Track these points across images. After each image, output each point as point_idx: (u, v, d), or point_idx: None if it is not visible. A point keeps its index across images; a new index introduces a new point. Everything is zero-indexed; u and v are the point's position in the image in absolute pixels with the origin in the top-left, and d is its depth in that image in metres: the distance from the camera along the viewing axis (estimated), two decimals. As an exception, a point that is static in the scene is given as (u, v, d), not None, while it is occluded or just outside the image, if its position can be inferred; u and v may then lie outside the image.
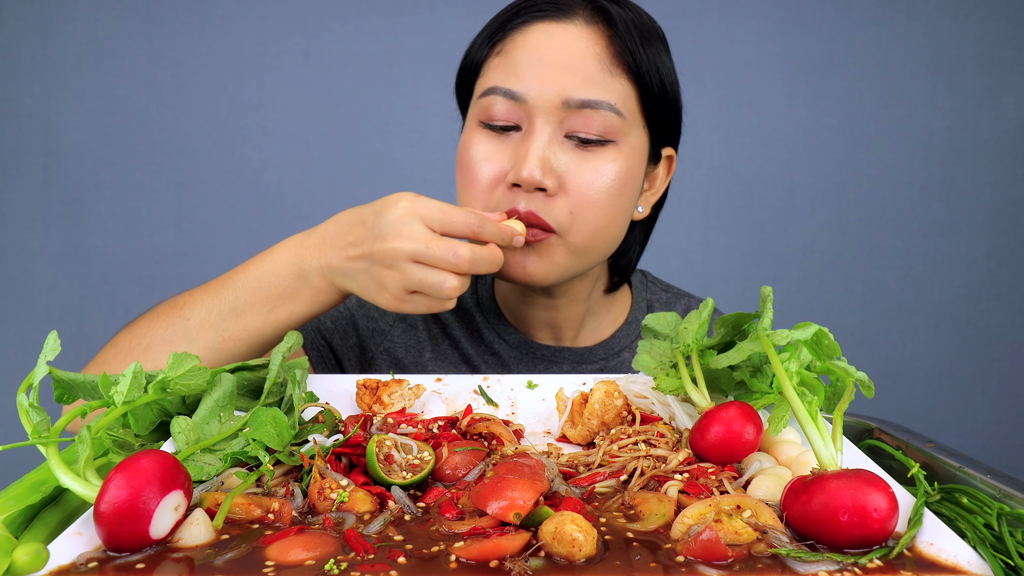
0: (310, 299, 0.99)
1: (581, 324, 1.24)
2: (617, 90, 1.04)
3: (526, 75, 1.03)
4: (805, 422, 0.65)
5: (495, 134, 1.06)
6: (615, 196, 1.06)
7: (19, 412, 0.65)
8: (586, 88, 1.02)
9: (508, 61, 1.06)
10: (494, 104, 1.05)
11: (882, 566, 0.54)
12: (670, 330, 0.90)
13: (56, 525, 0.65)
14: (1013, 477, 0.70)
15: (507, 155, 1.05)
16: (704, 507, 0.60)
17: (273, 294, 0.98)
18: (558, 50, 1.04)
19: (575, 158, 1.04)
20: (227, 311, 0.98)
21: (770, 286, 0.78)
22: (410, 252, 0.91)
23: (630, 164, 1.07)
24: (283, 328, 0.99)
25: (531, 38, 1.05)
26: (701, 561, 0.55)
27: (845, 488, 0.57)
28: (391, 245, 0.92)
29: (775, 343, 0.70)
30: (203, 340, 0.97)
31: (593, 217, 1.05)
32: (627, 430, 0.79)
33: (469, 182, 1.07)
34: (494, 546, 0.55)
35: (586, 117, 1.02)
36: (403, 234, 0.92)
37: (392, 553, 0.55)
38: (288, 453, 0.72)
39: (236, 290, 0.98)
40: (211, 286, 1.01)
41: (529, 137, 1.03)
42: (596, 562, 0.55)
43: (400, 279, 0.92)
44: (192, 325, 0.98)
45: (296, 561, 0.55)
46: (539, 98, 1.02)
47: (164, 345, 0.97)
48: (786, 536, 0.58)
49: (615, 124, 1.04)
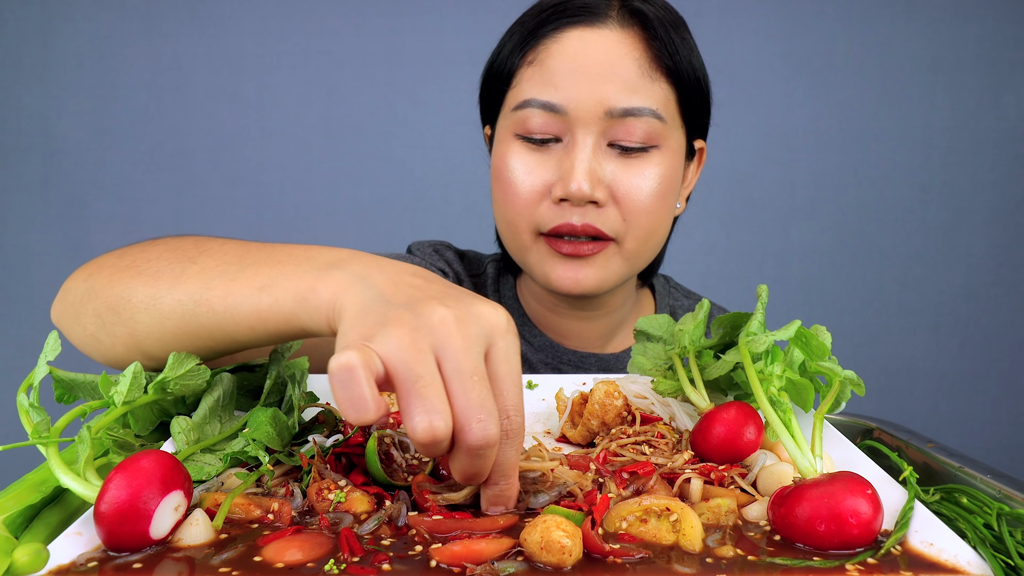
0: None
1: (612, 333, 1.24)
2: (657, 94, 1.03)
3: (564, 85, 1.01)
4: (780, 431, 0.65)
5: (534, 147, 1.05)
6: (662, 199, 1.06)
7: (19, 412, 0.66)
8: (627, 96, 1.01)
9: (543, 71, 1.03)
10: (532, 117, 1.03)
11: (881, 566, 0.54)
12: (663, 332, 0.90)
13: (56, 525, 0.65)
14: (1013, 477, 0.70)
15: (549, 168, 1.04)
16: (632, 506, 0.59)
17: (289, 271, 0.68)
18: (595, 58, 1.01)
19: (620, 167, 1.03)
20: (234, 268, 0.73)
21: (766, 285, 0.77)
22: (447, 343, 0.56)
23: (672, 165, 1.07)
24: (259, 322, 0.70)
25: (566, 46, 1.02)
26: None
27: (820, 497, 0.57)
28: (439, 314, 0.56)
29: (753, 351, 0.70)
30: (184, 291, 0.74)
31: (647, 223, 1.06)
32: (627, 430, 0.79)
33: (511, 197, 1.05)
34: (471, 551, 0.54)
35: (628, 125, 1.01)
36: (462, 318, 0.57)
37: (377, 558, 0.55)
38: (288, 453, 0.72)
39: (261, 252, 0.75)
40: (251, 243, 0.79)
41: (573, 150, 1.02)
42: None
43: (401, 348, 0.54)
44: (192, 269, 0.76)
45: (291, 561, 0.55)
46: (580, 109, 1.01)
47: (151, 277, 0.78)
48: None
49: (657, 129, 1.03)
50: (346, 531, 0.58)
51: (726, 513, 0.62)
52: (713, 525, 0.61)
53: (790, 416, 0.67)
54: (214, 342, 0.75)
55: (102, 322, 0.81)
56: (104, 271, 0.84)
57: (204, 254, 0.78)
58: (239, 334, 0.73)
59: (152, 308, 0.76)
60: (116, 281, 0.81)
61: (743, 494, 0.66)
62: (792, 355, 0.75)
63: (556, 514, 0.56)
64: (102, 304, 0.80)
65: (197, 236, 0.85)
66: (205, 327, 0.74)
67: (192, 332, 0.75)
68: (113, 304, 0.79)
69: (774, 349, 0.71)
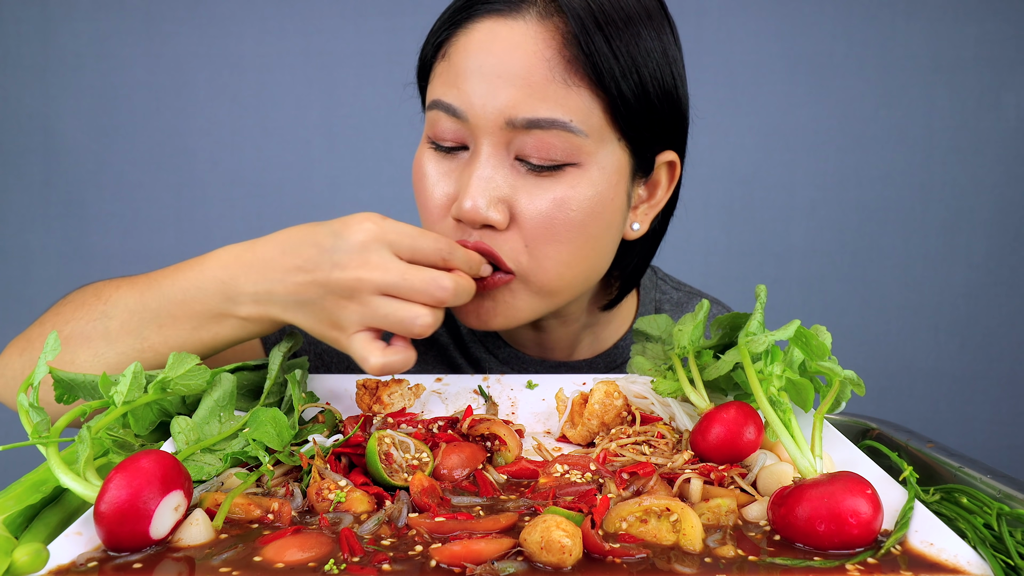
0: (237, 326, 0.83)
1: (576, 341, 1.11)
2: (574, 104, 0.84)
3: (466, 87, 0.85)
4: (780, 431, 0.65)
5: (443, 154, 0.91)
6: (580, 228, 0.88)
7: (19, 412, 0.66)
8: (532, 104, 0.83)
9: (451, 68, 0.88)
10: (439, 120, 0.89)
11: (881, 566, 0.54)
12: (662, 332, 0.90)
13: (56, 525, 0.65)
14: (1013, 477, 0.70)
15: (454, 179, 0.90)
16: (632, 506, 0.59)
17: (198, 311, 0.83)
18: (501, 56, 0.84)
19: (527, 185, 0.86)
20: (150, 318, 0.85)
21: (764, 285, 0.77)
22: (380, 283, 0.76)
23: (600, 188, 0.88)
24: (208, 350, 0.86)
25: (473, 40, 0.87)
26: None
27: (820, 497, 0.57)
28: (355, 274, 0.76)
29: (753, 351, 0.70)
30: (122, 345, 0.85)
31: (555, 254, 0.88)
32: (627, 430, 0.79)
33: (422, 207, 0.94)
34: (471, 551, 0.54)
35: (536, 138, 0.84)
36: (370, 262, 0.76)
37: (377, 558, 0.55)
38: (288, 453, 0.72)
39: (161, 298, 0.85)
40: (138, 283, 0.87)
41: (472, 162, 0.87)
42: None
43: (362, 313, 0.77)
44: (113, 325, 0.86)
45: (291, 561, 0.55)
46: (479, 116, 0.85)
47: (82, 340, 0.87)
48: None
49: (575, 144, 0.85)
50: (346, 531, 0.58)
51: (726, 513, 0.62)
52: (713, 525, 0.61)
53: (790, 416, 0.67)
54: None
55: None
56: (35, 343, 0.92)
57: (111, 306, 0.88)
58: (204, 357, 0.86)
59: (99, 365, 0.86)
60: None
61: (743, 494, 0.66)
62: (792, 355, 0.75)
63: (556, 514, 0.56)
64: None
65: (84, 288, 0.94)
66: (155, 367, 0.84)
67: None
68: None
69: (774, 349, 0.71)
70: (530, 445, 0.81)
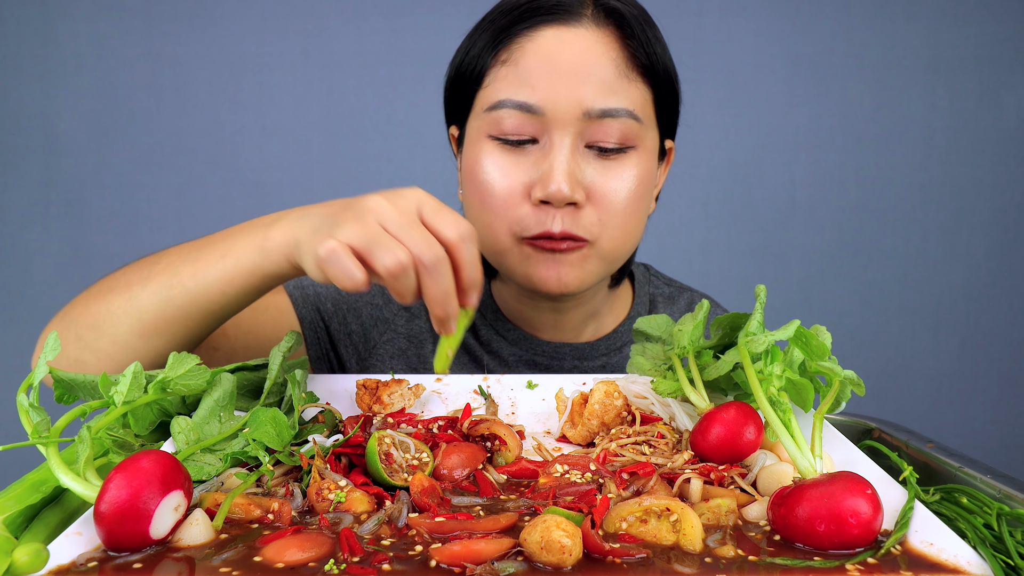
0: (256, 250, 0.85)
1: (585, 323, 1.23)
2: (634, 95, 1.03)
3: (541, 86, 1.00)
4: (780, 432, 0.65)
5: (509, 148, 1.03)
6: (639, 200, 1.06)
7: (19, 412, 0.66)
8: (604, 97, 1.00)
9: (518, 71, 1.02)
10: (506, 117, 1.02)
11: (881, 566, 0.54)
12: (662, 332, 0.90)
13: (56, 525, 0.65)
14: (1013, 477, 0.70)
15: (525, 169, 1.03)
16: (632, 506, 0.59)
17: (231, 236, 0.88)
18: (573, 58, 1.00)
19: (599, 168, 1.03)
20: (188, 255, 0.90)
21: (764, 285, 0.77)
22: (385, 215, 0.77)
23: (648, 166, 1.07)
24: (232, 284, 0.87)
25: (541, 45, 1.02)
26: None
27: (820, 497, 0.57)
28: (373, 201, 0.78)
29: (753, 351, 0.70)
30: (155, 284, 0.89)
31: (623, 223, 1.05)
32: (627, 430, 0.79)
33: (487, 199, 1.04)
34: (471, 551, 0.54)
35: (606, 126, 1.01)
36: (391, 199, 0.79)
37: (377, 558, 0.55)
38: (288, 453, 0.72)
39: (206, 240, 0.91)
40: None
41: (551, 151, 1.01)
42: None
43: (357, 232, 0.76)
44: (157, 268, 0.91)
45: (291, 561, 0.55)
46: (557, 110, 1.00)
47: (124, 287, 0.91)
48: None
49: (634, 130, 1.03)
50: (346, 531, 0.58)
51: (726, 513, 0.62)
52: (713, 525, 0.61)
53: (790, 416, 0.67)
54: (191, 321, 0.89)
55: (84, 343, 0.91)
56: (78, 305, 0.96)
57: (164, 255, 0.93)
58: (212, 304, 0.88)
59: (130, 309, 0.89)
60: (91, 304, 0.93)
61: (743, 494, 0.66)
62: (792, 355, 0.75)
63: (556, 514, 0.56)
64: (82, 327, 0.92)
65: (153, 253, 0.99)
66: (181, 308, 0.88)
67: (170, 318, 0.88)
68: (93, 322, 0.91)
69: (774, 349, 0.71)
70: (530, 445, 0.81)
